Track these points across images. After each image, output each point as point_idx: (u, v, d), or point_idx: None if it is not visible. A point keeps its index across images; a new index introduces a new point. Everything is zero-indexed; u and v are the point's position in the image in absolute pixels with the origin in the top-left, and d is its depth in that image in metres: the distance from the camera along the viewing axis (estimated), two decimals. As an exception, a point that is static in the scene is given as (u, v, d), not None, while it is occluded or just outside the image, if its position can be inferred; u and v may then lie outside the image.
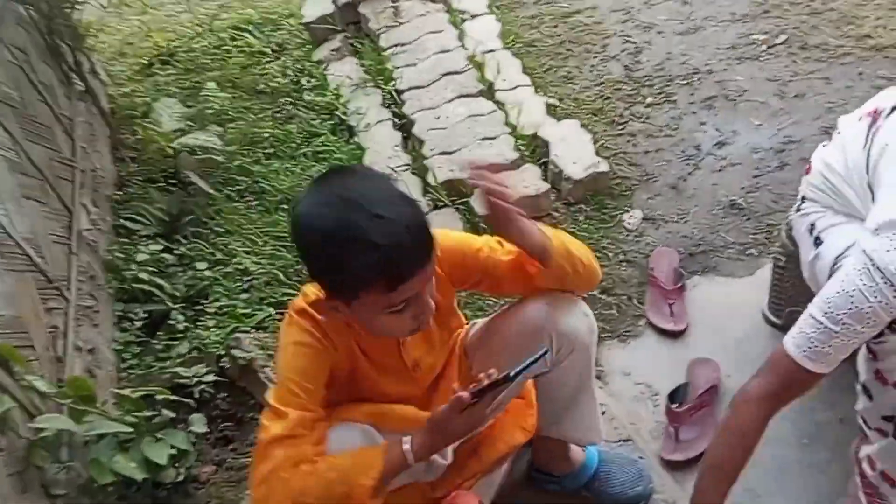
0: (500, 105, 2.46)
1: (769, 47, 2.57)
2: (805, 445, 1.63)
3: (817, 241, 1.40)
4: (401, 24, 2.92)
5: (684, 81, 2.52)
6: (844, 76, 2.40)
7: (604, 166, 2.19)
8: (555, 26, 2.87)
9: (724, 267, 2.00)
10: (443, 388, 1.36)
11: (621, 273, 2.02)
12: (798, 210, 1.49)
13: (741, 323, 1.85)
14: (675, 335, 1.86)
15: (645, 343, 1.87)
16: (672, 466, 1.61)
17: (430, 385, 1.36)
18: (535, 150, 2.31)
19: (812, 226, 1.43)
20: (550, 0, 2.99)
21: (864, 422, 1.36)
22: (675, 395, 1.70)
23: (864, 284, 1.09)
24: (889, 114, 1.27)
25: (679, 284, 1.92)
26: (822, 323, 1.13)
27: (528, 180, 2.18)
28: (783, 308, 1.78)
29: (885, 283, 1.07)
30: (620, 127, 2.41)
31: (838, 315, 1.12)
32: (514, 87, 2.54)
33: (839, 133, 1.42)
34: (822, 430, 1.63)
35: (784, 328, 1.76)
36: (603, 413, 1.53)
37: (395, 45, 2.82)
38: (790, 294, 1.72)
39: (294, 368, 1.15)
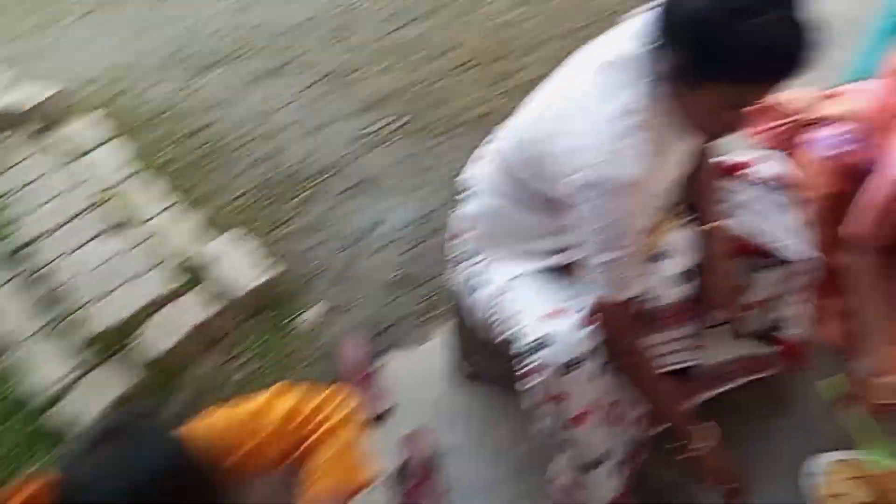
0: (148, 233, 2.32)
1: (393, 131, 2.80)
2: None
3: (475, 288, 1.53)
4: (10, 168, 2.61)
5: (329, 174, 2.63)
6: (463, 145, 2.69)
7: (272, 272, 2.17)
8: (189, 142, 2.82)
9: (410, 337, 2.09)
10: None
11: (314, 373, 2.00)
12: (456, 269, 1.62)
13: (439, 383, 1.95)
14: (382, 417, 1.88)
15: (356, 434, 1.86)
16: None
17: None
18: (195, 271, 2.21)
19: (471, 274, 1.56)
20: (175, 119, 2.94)
21: (546, 440, 1.50)
22: (399, 475, 1.71)
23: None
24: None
25: (372, 368, 1.95)
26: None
27: (198, 305, 2.07)
28: (469, 358, 1.90)
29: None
30: (279, 229, 2.42)
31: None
32: (161, 211, 2.41)
33: (468, 189, 1.58)
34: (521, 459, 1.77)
35: (476, 376, 1.91)
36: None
37: (5, 195, 2.51)
38: (472, 343, 1.85)
39: None
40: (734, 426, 1.74)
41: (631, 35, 1.24)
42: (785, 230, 1.51)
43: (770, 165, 1.58)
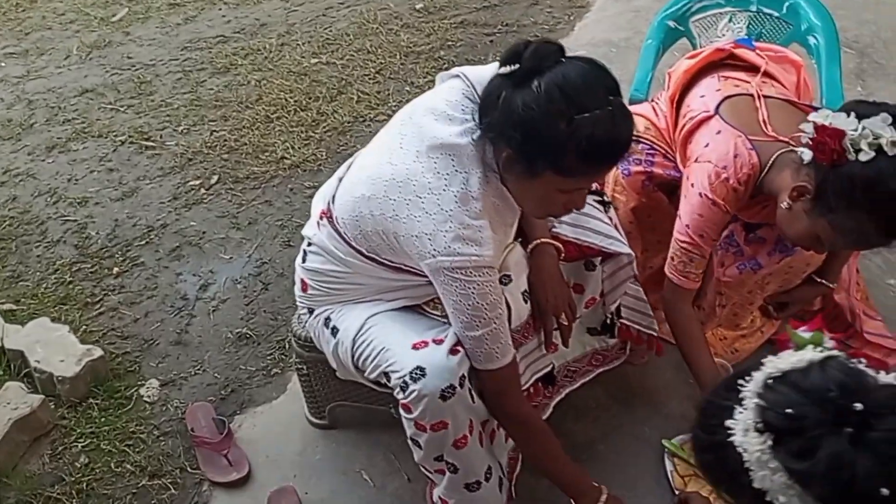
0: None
1: (207, 189, 2.73)
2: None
3: (334, 331, 1.54)
4: None
5: (143, 241, 2.51)
6: (280, 195, 2.69)
7: (97, 352, 2.03)
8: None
9: (260, 395, 2.03)
10: None
11: (164, 449, 1.89)
12: (307, 317, 1.62)
13: (295, 437, 1.91)
14: (242, 482, 1.81)
15: (218, 505, 1.79)
16: None
17: None
18: (9, 364, 2.02)
19: (327, 319, 1.57)
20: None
21: (426, 469, 1.54)
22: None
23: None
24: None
25: (224, 432, 1.88)
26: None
27: (16, 400, 1.89)
28: (323, 406, 1.89)
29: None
30: (97, 307, 2.27)
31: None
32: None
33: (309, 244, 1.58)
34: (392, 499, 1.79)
35: (330, 426, 1.90)
36: None
37: None
38: (324, 392, 1.85)
39: None
40: (597, 420, 1.90)
41: (452, 114, 1.33)
42: (605, 227, 1.66)
43: None
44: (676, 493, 1.73)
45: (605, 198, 1.70)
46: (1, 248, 2.51)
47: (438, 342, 1.40)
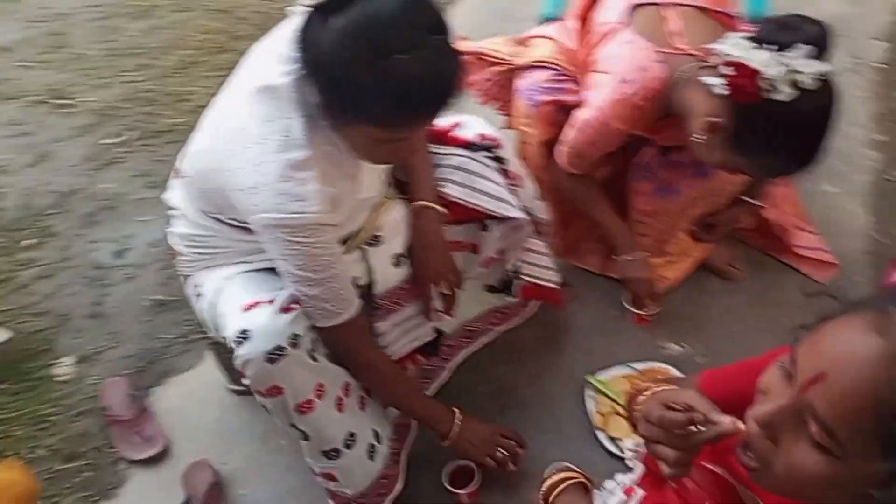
0: None
1: (123, 147, 2.60)
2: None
3: (199, 297, 1.46)
4: None
5: (57, 210, 2.39)
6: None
7: (5, 334, 1.95)
8: None
9: (178, 364, 1.97)
10: None
11: (79, 429, 1.83)
12: (185, 282, 1.53)
13: (214, 405, 1.86)
14: (159, 458, 1.76)
15: (136, 484, 1.74)
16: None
17: None
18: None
19: (196, 285, 1.48)
20: None
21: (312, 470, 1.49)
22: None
23: None
24: None
25: (141, 407, 1.83)
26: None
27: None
28: (235, 372, 1.82)
29: None
30: (6, 284, 2.18)
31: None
32: None
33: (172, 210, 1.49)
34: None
35: (248, 392, 1.83)
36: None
37: None
38: (228, 362, 1.77)
39: None
40: (514, 372, 1.84)
41: (281, 54, 1.17)
42: (496, 189, 1.53)
43: (473, 126, 1.58)
44: (596, 430, 1.68)
45: (498, 153, 1.55)
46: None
47: (270, 302, 1.28)
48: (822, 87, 1.29)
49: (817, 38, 1.29)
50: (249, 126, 1.17)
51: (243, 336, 1.26)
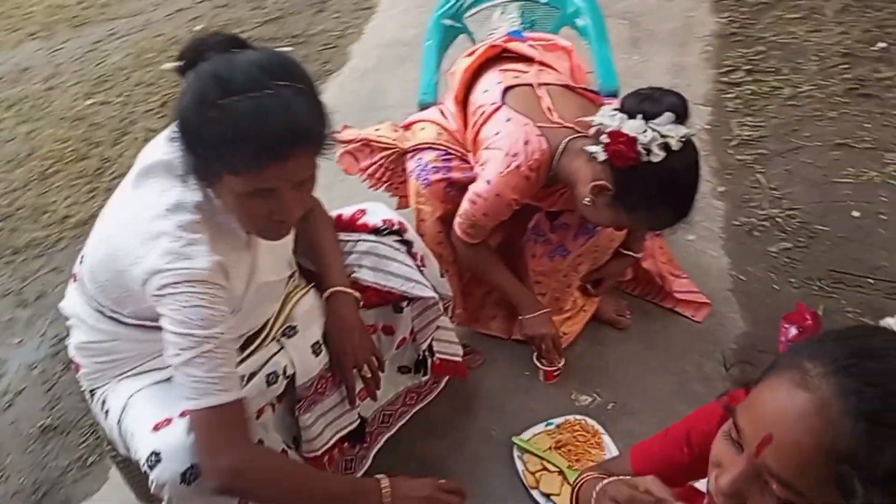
0: None
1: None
2: None
3: (107, 414, 1.39)
4: None
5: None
6: (70, 259, 2.42)
7: None
8: None
9: (78, 491, 1.82)
10: None
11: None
12: (91, 397, 1.44)
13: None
14: None
15: None
16: None
17: None
18: None
19: (103, 401, 1.41)
20: None
21: None
22: None
23: None
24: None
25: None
26: None
27: None
28: (146, 491, 1.71)
29: None
30: None
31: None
32: None
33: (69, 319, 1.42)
34: None
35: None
36: None
37: None
38: (139, 478, 1.67)
39: None
40: (437, 444, 1.85)
41: (166, 135, 1.18)
42: (408, 270, 1.58)
43: (378, 212, 1.64)
44: (530, 490, 1.73)
45: (405, 236, 1.62)
46: None
47: (182, 415, 1.20)
48: (686, 147, 1.48)
49: (677, 106, 1.48)
50: (138, 206, 1.19)
51: (156, 458, 1.20)
